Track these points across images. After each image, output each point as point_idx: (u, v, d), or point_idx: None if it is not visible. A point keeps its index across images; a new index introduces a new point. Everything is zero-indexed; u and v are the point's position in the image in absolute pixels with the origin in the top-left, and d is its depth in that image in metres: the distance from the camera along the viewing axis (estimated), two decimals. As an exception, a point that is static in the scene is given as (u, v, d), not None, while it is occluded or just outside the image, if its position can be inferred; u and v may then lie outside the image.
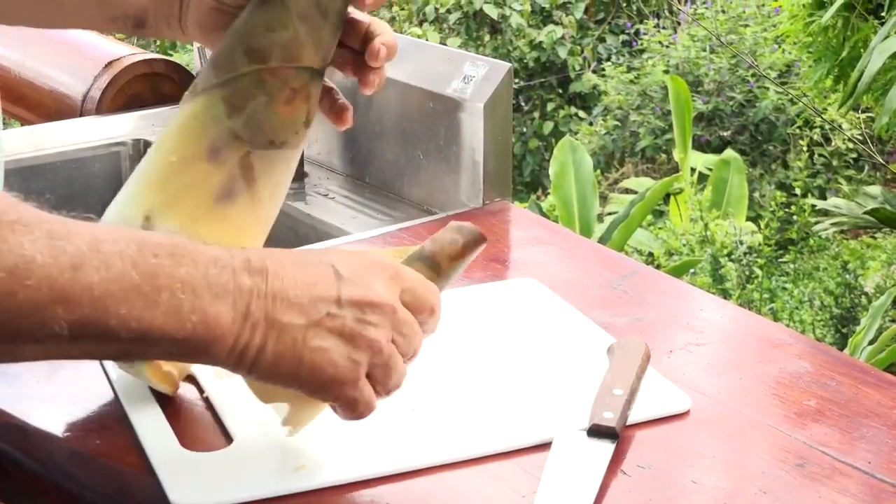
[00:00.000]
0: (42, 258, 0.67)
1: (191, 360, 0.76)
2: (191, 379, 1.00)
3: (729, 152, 4.48)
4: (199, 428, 0.95)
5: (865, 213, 3.26)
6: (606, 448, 0.90)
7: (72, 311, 0.68)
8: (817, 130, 4.95)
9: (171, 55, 5.64)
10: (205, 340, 0.73)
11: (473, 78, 1.44)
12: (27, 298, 0.67)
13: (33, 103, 1.91)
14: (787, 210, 4.43)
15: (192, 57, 5.08)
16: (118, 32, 1.02)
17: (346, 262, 0.80)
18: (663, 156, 5.39)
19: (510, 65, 1.45)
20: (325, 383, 0.78)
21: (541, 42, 5.89)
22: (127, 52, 1.90)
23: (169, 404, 0.97)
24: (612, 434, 0.91)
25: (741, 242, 3.79)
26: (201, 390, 0.99)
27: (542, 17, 6.05)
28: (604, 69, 5.76)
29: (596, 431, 0.91)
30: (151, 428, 0.93)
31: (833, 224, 3.59)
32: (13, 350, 0.70)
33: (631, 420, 0.94)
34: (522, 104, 5.96)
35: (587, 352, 1.05)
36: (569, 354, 1.05)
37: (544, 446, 0.91)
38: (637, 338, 1.03)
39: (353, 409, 0.80)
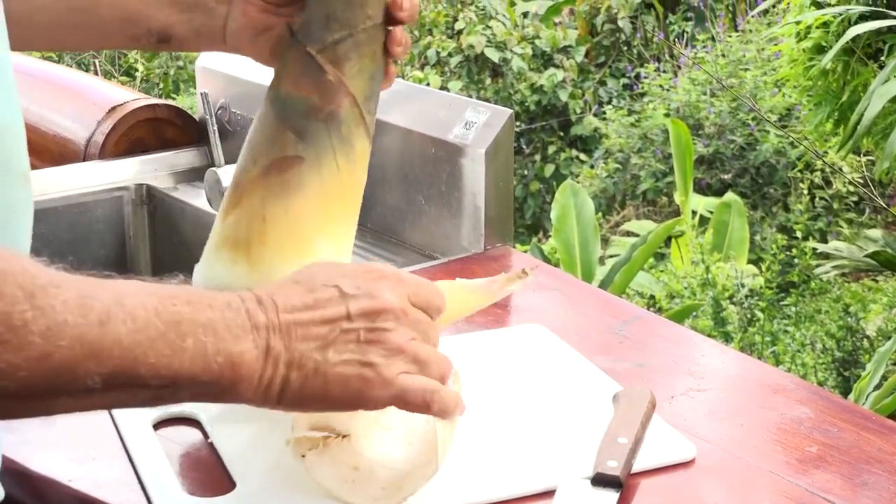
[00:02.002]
0: (73, 318, 0.69)
1: (217, 400, 0.77)
2: (196, 424, 1.01)
3: (730, 195, 4.49)
4: (203, 473, 0.96)
5: (867, 256, 3.26)
6: (610, 497, 0.90)
7: (103, 364, 0.70)
8: (818, 173, 4.96)
9: (174, 98, 5.67)
10: (231, 380, 0.75)
11: (475, 124, 1.45)
12: (61, 358, 0.68)
13: (37, 148, 1.92)
14: (788, 253, 4.43)
15: (194, 101, 5.12)
16: (141, 50, 1.03)
17: (350, 278, 0.82)
18: (664, 199, 5.40)
19: (511, 111, 1.46)
20: (357, 393, 0.80)
21: (542, 85, 5.92)
22: (130, 97, 1.91)
23: (173, 449, 0.98)
24: (616, 483, 0.91)
25: (743, 285, 3.79)
26: (206, 435, 0.99)
27: (543, 60, 6.08)
28: (605, 112, 5.78)
29: (600, 480, 0.91)
30: (155, 473, 0.94)
31: (834, 267, 3.59)
32: (48, 405, 0.72)
33: (635, 468, 0.94)
34: (524, 147, 5.97)
35: (593, 399, 1.05)
36: (575, 402, 1.05)
37: (548, 494, 0.91)
38: (642, 386, 1.03)
39: (418, 402, 0.81)
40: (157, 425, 1.01)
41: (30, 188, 0.91)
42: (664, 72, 5.89)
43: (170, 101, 1.99)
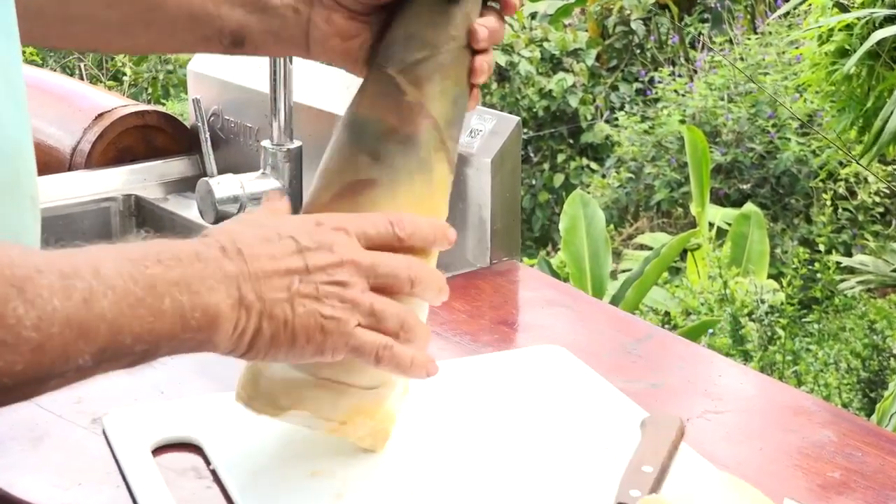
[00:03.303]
0: (60, 302, 0.72)
1: (192, 351, 0.81)
2: (197, 449, 1.01)
3: (749, 206, 4.49)
4: (204, 501, 0.96)
5: (894, 270, 3.27)
6: (631, 527, 0.90)
7: (92, 341, 0.73)
8: (842, 183, 4.96)
9: (163, 104, 5.69)
10: (208, 333, 0.80)
11: (480, 132, 1.45)
12: (53, 345, 0.71)
13: (20, 156, 1.93)
14: (810, 267, 4.43)
15: (185, 107, 5.12)
16: (212, 52, 1.04)
17: (303, 231, 0.87)
18: (680, 210, 5.40)
19: (518, 118, 1.46)
20: (320, 345, 0.85)
21: (550, 90, 5.93)
22: (118, 103, 1.92)
23: (173, 477, 0.98)
24: (638, 513, 0.91)
25: (762, 301, 3.79)
26: (208, 462, 1.00)
27: (552, 64, 6.09)
28: (617, 119, 5.79)
29: (622, 510, 0.91)
30: (154, 502, 0.94)
31: (859, 282, 3.59)
32: (36, 390, 0.74)
33: (658, 496, 0.94)
34: (531, 155, 5.98)
35: (617, 425, 1.05)
36: (597, 428, 1.05)
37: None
38: (672, 413, 1.03)
39: (371, 356, 0.87)
40: (157, 451, 1.01)
41: (38, 211, 0.92)
42: (679, 76, 5.90)
43: (159, 108, 1.99)
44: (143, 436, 1.03)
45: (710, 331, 3.64)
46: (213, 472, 0.98)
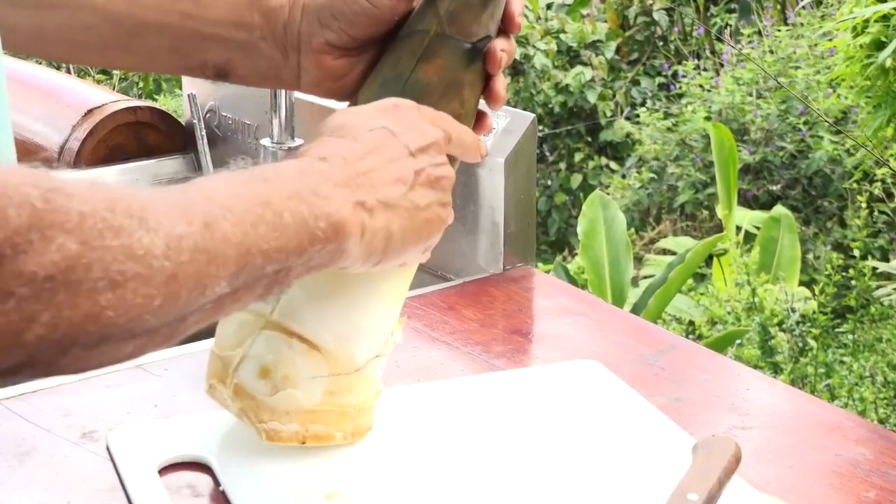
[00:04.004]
0: (183, 229, 0.71)
1: (326, 267, 0.83)
2: (205, 469, 1.02)
3: (779, 209, 4.49)
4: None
5: (933, 277, 3.26)
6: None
7: (223, 266, 0.74)
8: (878, 184, 4.96)
9: (155, 100, 5.70)
10: (337, 241, 0.82)
11: (493, 130, 1.46)
12: (186, 275, 0.71)
13: (5, 155, 1.94)
14: (844, 274, 4.43)
15: (179, 103, 5.11)
16: (199, 78, 1.06)
17: (383, 116, 0.90)
18: (705, 212, 5.40)
19: (533, 115, 1.46)
20: (436, 235, 0.92)
21: (567, 85, 5.93)
22: (108, 98, 1.92)
23: (181, 498, 0.98)
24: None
25: (793, 310, 3.79)
26: (217, 482, 1.00)
27: (570, 57, 6.10)
28: (638, 115, 5.79)
29: (663, 538, 0.91)
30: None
31: (897, 290, 3.58)
32: (177, 328, 0.73)
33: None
34: (547, 154, 5.99)
35: (664, 449, 1.05)
36: (644, 452, 1.05)
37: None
38: (727, 437, 1.03)
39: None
40: (163, 470, 1.02)
41: None
42: (705, 70, 5.90)
43: (152, 103, 2.00)
44: (149, 454, 1.03)
45: (738, 341, 3.64)
46: (223, 494, 0.99)
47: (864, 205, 4.90)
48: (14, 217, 0.62)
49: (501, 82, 1.01)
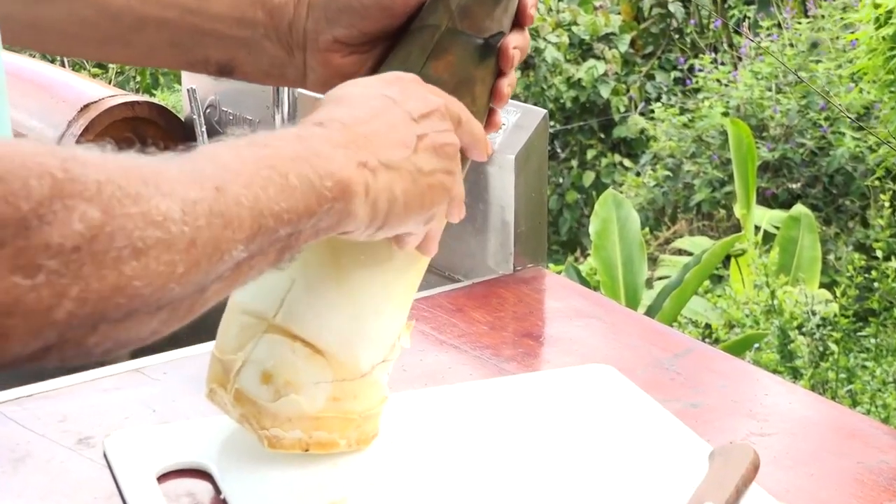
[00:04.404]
0: (196, 193, 0.72)
1: (333, 230, 0.84)
2: (206, 476, 1.02)
3: (799, 208, 4.49)
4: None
5: (959, 279, 3.26)
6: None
7: (238, 229, 0.74)
8: (902, 182, 4.96)
9: (153, 94, 5.71)
10: (343, 201, 0.82)
11: (503, 125, 1.46)
12: (204, 240, 0.72)
13: (-2, 152, 1.94)
14: (867, 275, 4.42)
15: (178, 98, 5.12)
16: (201, 73, 1.07)
17: (386, 84, 0.91)
18: (722, 212, 5.40)
19: (544, 110, 1.46)
20: (440, 205, 0.92)
21: (580, 79, 5.94)
22: (105, 93, 1.93)
23: None
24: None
25: (814, 313, 3.79)
26: (218, 490, 1.01)
27: (582, 50, 6.10)
28: (653, 111, 5.79)
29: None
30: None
31: (921, 292, 3.58)
32: (198, 299, 0.74)
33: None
34: (559, 151, 5.99)
35: (676, 457, 1.05)
36: (655, 459, 1.05)
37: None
38: (745, 444, 1.03)
39: (455, 214, 0.95)
40: (162, 477, 1.02)
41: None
42: (722, 64, 5.90)
43: (150, 98, 2.01)
44: (148, 461, 1.03)
45: (756, 345, 3.64)
46: (223, 502, 0.99)
47: (887, 203, 4.90)
48: (36, 188, 0.63)
49: (508, 80, 1.02)
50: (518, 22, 1.02)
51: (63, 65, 5.58)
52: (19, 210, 0.62)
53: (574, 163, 5.98)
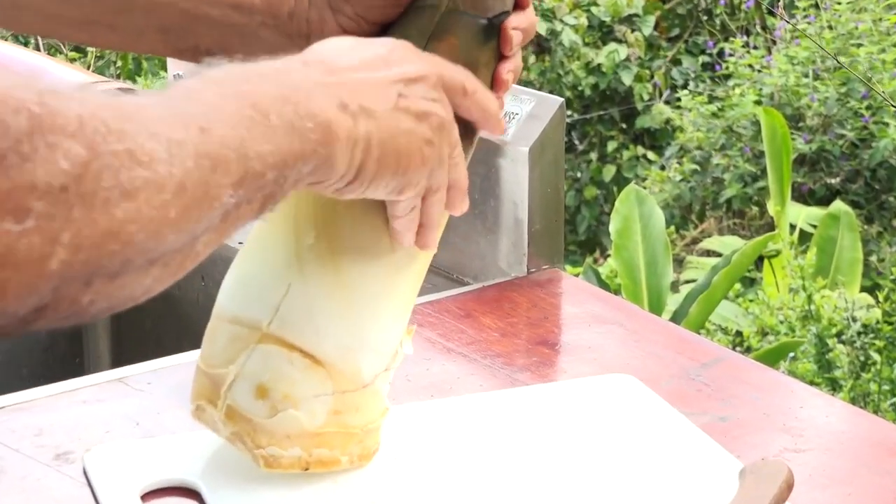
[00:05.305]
0: (181, 134, 0.73)
1: (315, 178, 0.85)
2: (194, 495, 1.02)
3: (838, 205, 4.49)
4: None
5: None
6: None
7: (225, 172, 0.76)
8: (950, 177, 4.95)
9: (135, 81, 5.71)
10: (326, 144, 0.84)
11: (516, 115, 1.46)
12: (194, 182, 0.73)
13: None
14: (912, 279, 4.42)
15: (163, 85, 5.13)
16: (191, 62, 1.08)
17: (380, 44, 0.93)
18: (755, 209, 5.40)
19: (562, 99, 1.47)
20: (415, 170, 0.91)
21: (599, 65, 5.94)
22: (85, 79, 1.93)
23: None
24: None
25: (854, 319, 3.78)
26: (204, 505, 1.01)
27: (602, 33, 6.10)
28: (679, 99, 5.79)
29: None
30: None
31: (971, 297, 3.58)
32: (192, 248, 0.76)
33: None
34: (576, 143, 5.99)
35: (704, 474, 1.05)
36: (681, 477, 1.05)
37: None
38: (778, 460, 1.03)
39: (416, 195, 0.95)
40: (146, 496, 1.02)
41: None
42: (755, 48, 5.90)
43: (132, 86, 2.01)
44: (131, 478, 1.03)
45: (791, 354, 3.64)
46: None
47: (934, 200, 4.90)
48: (13, 123, 0.63)
49: (509, 65, 1.02)
50: (518, 3, 1.02)
51: (38, 48, 5.59)
52: None
53: (593, 156, 5.98)
